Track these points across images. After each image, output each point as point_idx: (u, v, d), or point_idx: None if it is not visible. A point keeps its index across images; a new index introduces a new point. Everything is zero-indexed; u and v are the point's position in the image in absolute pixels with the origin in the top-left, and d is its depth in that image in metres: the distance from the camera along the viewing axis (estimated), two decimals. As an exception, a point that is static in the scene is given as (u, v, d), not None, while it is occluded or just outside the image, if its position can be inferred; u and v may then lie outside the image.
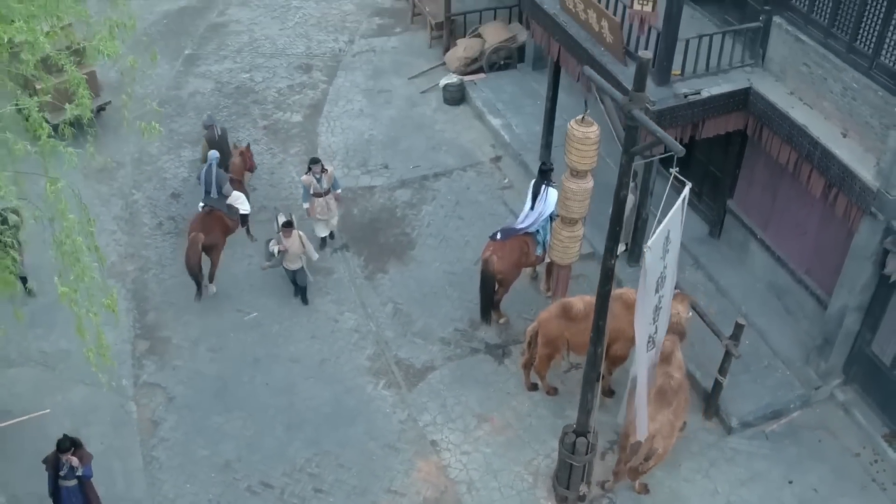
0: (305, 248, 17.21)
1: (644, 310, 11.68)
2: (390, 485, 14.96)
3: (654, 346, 12.58)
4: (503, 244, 16.53)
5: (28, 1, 11.44)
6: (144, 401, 16.15)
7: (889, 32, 13.97)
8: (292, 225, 16.96)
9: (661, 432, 14.00)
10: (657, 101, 15.64)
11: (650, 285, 11.34)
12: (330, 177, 18.01)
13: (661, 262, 11.32)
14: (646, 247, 10.50)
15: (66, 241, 11.13)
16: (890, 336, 15.37)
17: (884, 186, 13.97)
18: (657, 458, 14.21)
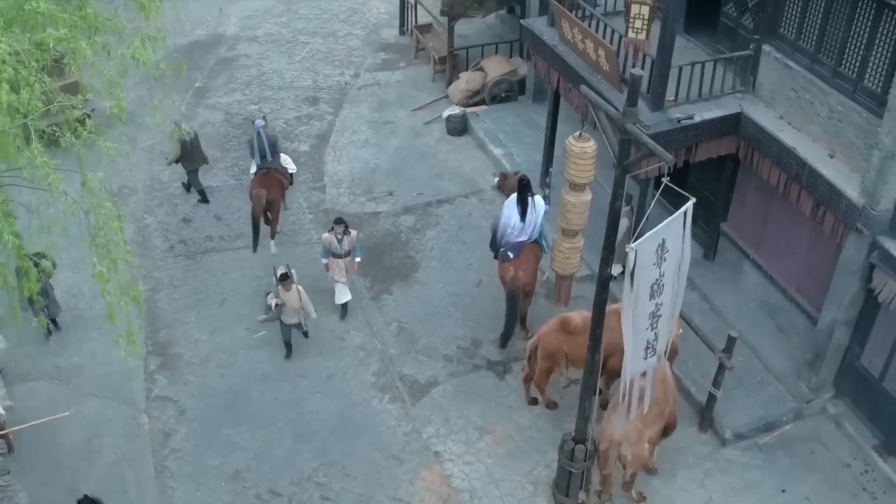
0: (304, 304, 17.02)
1: (636, 314, 12.18)
2: (395, 493, 15.43)
3: (654, 353, 13.07)
4: (520, 260, 17.13)
5: (71, 12, 12.24)
6: (156, 413, 16.66)
7: (871, 57, 14.69)
8: (290, 278, 16.79)
9: (628, 439, 14.47)
10: (651, 125, 16.29)
11: (642, 290, 11.86)
12: (352, 240, 17.68)
13: (655, 269, 11.84)
14: (628, 247, 11.11)
15: (99, 234, 11.80)
16: (878, 349, 15.90)
17: (868, 203, 14.59)
18: (632, 465, 14.67)
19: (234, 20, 29.02)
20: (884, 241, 14.68)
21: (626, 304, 12.03)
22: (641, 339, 12.52)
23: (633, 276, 11.45)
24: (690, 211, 11.84)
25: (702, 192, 19.21)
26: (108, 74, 12.46)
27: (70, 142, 12.33)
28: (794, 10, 15.98)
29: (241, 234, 20.44)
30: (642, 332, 12.41)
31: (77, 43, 11.83)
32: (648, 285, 11.86)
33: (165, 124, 22.20)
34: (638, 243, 11.19)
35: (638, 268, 11.43)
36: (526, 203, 17.04)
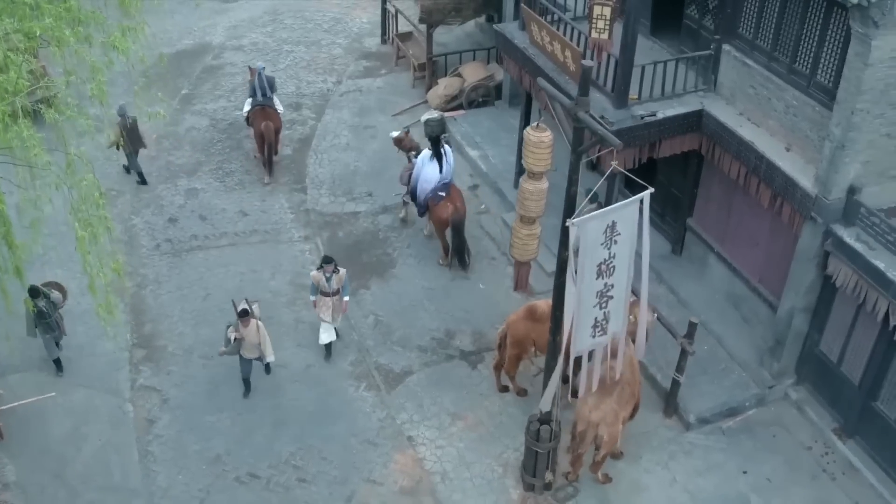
0: (262, 341, 16.78)
1: (581, 290, 12.73)
2: (369, 475, 16.03)
3: (603, 332, 13.66)
4: (451, 196, 19.75)
5: (56, 4, 13.00)
6: (141, 402, 17.25)
7: (823, 53, 15.39)
8: (249, 314, 16.49)
9: (605, 420, 15.11)
10: (615, 122, 16.98)
11: (588, 268, 12.47)
12: (340, 279, 17.44)
13: (604, 250, 12.45)
14: (569, 222, 11.77)
15: (81, 208, 12.47)
16: (836, 335, 16.53)
17: (822, 192, 15.28)
18: (606, 446, 15.28)
19: (220, 30, 29.77)
20: (837, 229, 15.36)
21: (569, 280, 12.65)
22: (588, 316, 13.11)
23: (578, 252, 12.09)
24: (647, 199, 12.47)
25: (669, 189, 19.94)
26: (90, 60, 13.11)
27: (54, 117, 13.01)
28: (751, 10, 16.69)
29: (224, 232, 21.15)
30: (589, 309, 13.02)
31: (61, 32, 12.55)
32: (595, 264, 12.47)
33: (152, 129, 23.11)
34: (579, 220, 11.85)
35: (583, 245, 12.08)
36: (441, 155, 19.61)
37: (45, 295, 16.74)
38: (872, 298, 15.02)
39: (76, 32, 13.21)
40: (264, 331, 16.74)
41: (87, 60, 13.28)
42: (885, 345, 15.43)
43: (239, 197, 22.23)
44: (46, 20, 12.51)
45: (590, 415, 15.12)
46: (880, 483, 15.91)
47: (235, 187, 22.59)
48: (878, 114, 14.59)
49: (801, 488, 15.95)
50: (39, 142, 12.36)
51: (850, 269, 15.27)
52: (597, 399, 15.13)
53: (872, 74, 14.09)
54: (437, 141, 19.79)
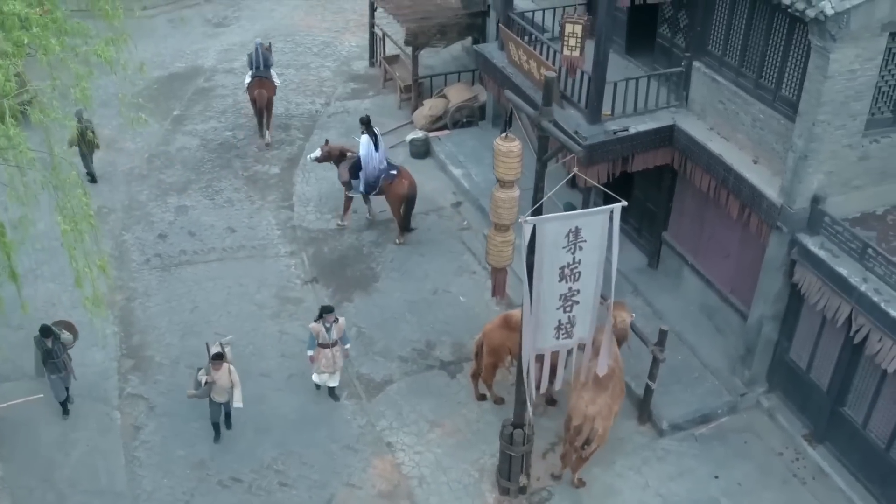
0: (234, 386, 16.50)
1: (541, 290, 13.18)
2: (348, 480, 16.44)
3: (567, 336, 14.08)
4: (401, 172, 21.71)
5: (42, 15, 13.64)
6: (128, 409, 17.68)
7: (787, 68, 15.95)
8: (222, 357, 16.33)
9: (601, 414, 15.58)
10: (589, 136, 17.54)
11: (548, 269, 12.95)
12: (340, 328, 17.14)
13: (566, 254, 12.90)
14: (522, 219, 12.30)
15: (67, 206, 12.97)
16: (804, 342, 16.99)
17: (787, 202, 15.80)
18: (599, 440, 15.72)
19: (212, 53, 30.48)
20: (802, 238, 15.89)
21: (527, 276, 13.14)
22: (551, 317, 13.58)
23: (535, 251, 12.60)
24: (618, 212, 12.93)
25: (645, 204, 20.49)
26: (74, 68, 13.65)
27: (39, 118, 13.56)
28: (719, 28, 17.29)
29: (212, 248, 21.67)
30: (552, 310, 13.48)
31: (48, 41, 13.14)
32: (557, 266, 12.94)
33: (144, 149, 23.72)
34: (535, 219, 12.37)
35: (542, 245, 12.58)
36: (375, 135, 21.62)
37: (55, 335, 16.69)
38: (836, 305, 15.50)
39: (62, 42, 13.77)
40: (236, 375, 16.49)
41: (72, 68, 13.80)
42: (849, 351, 15.87)
43: (227, 214, 22.76)
44: (34, 30, 13.08)
45: (586, 409, 15.57)
46: (849, 487, 16.30)
47: (224, 205, 23.13)
48: (839, 125, 15.15)
49: (771, 492, 16.33)
50: (25, 139, 12.93)
51: (815, 277, 15.77)
52: (592, 394, 15.63)
53: (832, 87, 14.66)
54: (368, 122, 21.90)
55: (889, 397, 15.50)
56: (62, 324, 17.27)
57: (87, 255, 13.70)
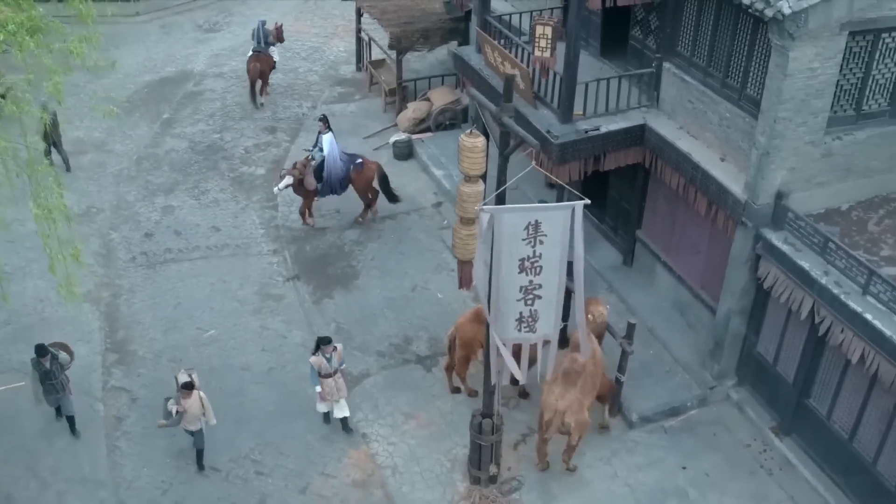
0: (205, 411, 16.44)
1: (501, 280, 13.56)
2: (324, 469, 16.85)
3: (529, 329, 14.38)
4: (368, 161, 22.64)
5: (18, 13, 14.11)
6: (111, 401, 18.12)
7: (751, 67, 16.37)
8: (193, 386, 16.19)
9: (571, 408, 15.96)
10: (560, 135, 17.95)
11: (507, 260, 13.33)
12: (340, 354, 16.95)
13: (526, 246, 13.25)
14: (478, 207, 12.71)
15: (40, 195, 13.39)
16: (771, 336, 17.37)
17: (751, 198, 16.20)
18: (576, 432, 16.12)
19: (202, 58, 31.05)
20: (766, 233, 16.28)
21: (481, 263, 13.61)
22: (512, 308, 13.94)
23: (494, 241, 13.02)
24: (580, 209, 13.28)
25: (620, 203, 20.92)
26: (48, 63, 14.08)
27: (12, 110, 13.99)
28: (688, 29, 17.73)
29: (197, 246, 22.16)
30: (512, 302, 13.85)
31: (23, 38, 13.59)
32: (517, 258, 13.32)
33: (133, 151, 24.21)
34: (493, 208, 12.80)
35: (500, 235, 13.01)
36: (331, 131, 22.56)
37: (52, 355, 16.65)
38: (799, 298, 15.88)
39: (36, 39, 14.20)
40: (206, 400, 16.39)
41: (45, 62, 14.22)
42: (813, 343, 16.25)
43: (213, 214, 23.25)
44: (9, 27, 13.52)
45: (556, 403, 15.95)
46: (814, 477, 16.66)
47: (210, 205, 23.61)
48: (800, 122, 15.55)
49: (737, 483, 16.69)
50: None
51: (779, 271, 16.16)
52: (562, 389, 16.02)
53: (792, 84, 15.07)
54: (327, 120, 22.62)
55: (851, 388, 15.85)
56: (58, 345, 17.26)
57: (60, 243, 14.06)
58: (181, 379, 16.36)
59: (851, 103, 16.19)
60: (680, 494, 16.48)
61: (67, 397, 17.04)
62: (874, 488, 15.64)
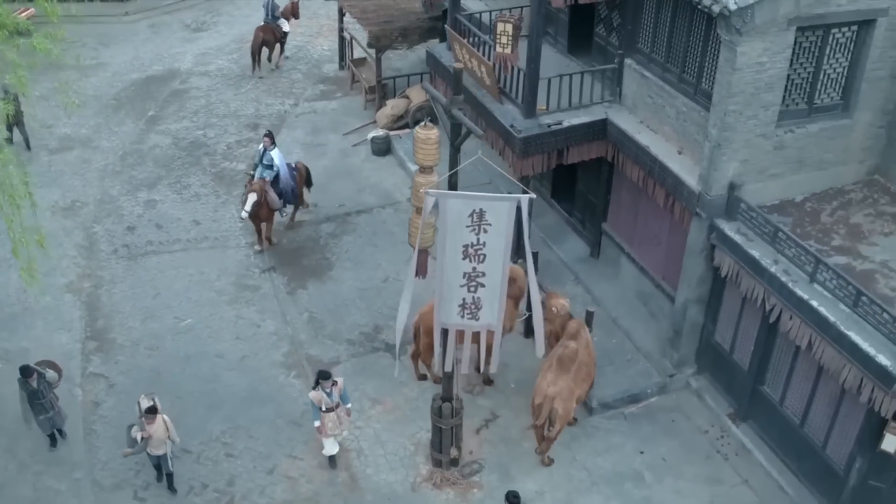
0: (170, 433, 16.26)
1: (446, 264, 14.17)
2: (291, 451, 17.42)
3: (472, 316, 14.91)
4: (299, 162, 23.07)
5: None
6: (89, 387, 18.69)
7: (706, 63, 16.90)
8: (156, 411, 16.02)
9: (561, 395, 16.46)
10: (523, 129, 18.52)
11: (451, 245, 13.95)
12: (340, 388, 16.64)
13: (470, 233, 13.79)
14: (424, 190, 13.29)
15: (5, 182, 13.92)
16: (727, 325, 17.89)
17: (704, 189, 16.73)
18: (561, 420, 16.57)
19: (189, 57, 31.67)
20: (720, 223, 16.81)
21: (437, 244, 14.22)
22: (455, 293, 14.53)
23: (440, 225, 13.63)
24: (526, 203, 13.80)
25: (587, 197, 21.47)
26: (12, 58, 14.62)
27: None
28: (647, 26, 18.29)
29: (178, 239, 22.77)
30: (456, 287, 14.42)
31: None
32: (461, 244, 13.88)
33: (118, 147, 24.82)
34: (437, 193, 13.37)
35: (445, 220, 13.66)
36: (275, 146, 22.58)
37: (39, 374, 16.64)
38: (751, 287, 16.39)
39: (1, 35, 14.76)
40: (170, 422, 16.25)
41: (8, 57, 14.76)
42: (766, 331, 16.76)
43: (193, 208, 23.84)
44: None
45: (547, 389, 16.43)
46: (768, 462, 17.17)
47: (191, 199, 24.21)
48: (750, 115, 16.08)
49: (693, 467, 17.20)
50: None
51: (732, 260, 16.67)
52: (555, 376, 16.52)
53: (741, 78, 15.59)
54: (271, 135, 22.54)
55: (802, 374, 16.36)
56: (45, 363, 17.31)
57: (24, 229, 14.58)
58: (144, 404, 16.23)
59: (803, 97, 16.70)
60: (636, 478, 16.99)
61: (57, 416, 17.04)
62: (824, 471, 16.16)
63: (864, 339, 14.29)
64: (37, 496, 16.54)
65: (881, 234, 16.72)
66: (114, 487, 16.72)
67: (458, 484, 16.86)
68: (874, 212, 17.26)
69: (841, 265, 15.76)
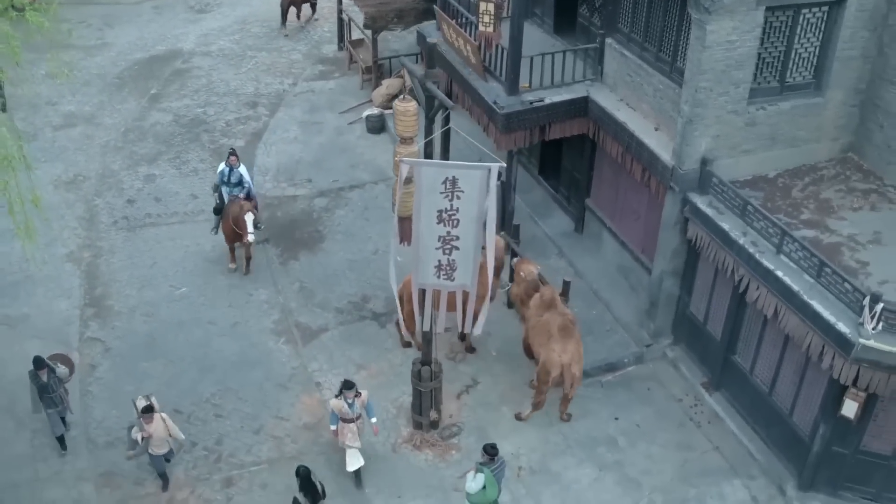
0: (171, 430, 16.21)
1: (421, 227, 14.89)
2: (277, 412, 18.11)
3: (448, 277, 15.62)
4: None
5: None
6: (86, 351, 19.43)
7: (680, 42, 17.47)
8: (153, 409, 16.02)
9: (575, 359, 17.15)
10: (506, 106, 19.14)
11: (426, 209, 14.66)
12: (363, 402, 16.34)
13: (444, 199, 14.47)
14: (399, 158, 13.95)
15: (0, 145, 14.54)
16: (702, 296, 18.47)
17: (678, 164, 17.31)
18: (578, 382, 17.34)
19: (192, 37, 32.38)
20: (692, 197, 17.38)
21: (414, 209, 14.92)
22: (431, 256, 15.25)
23: (416, 192, 14.33)
24: (495, 171, 14.47)
25: (572, 174, 22.07)
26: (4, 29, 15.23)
27: None
28: (627, 7, 18.89)
29: (175, 212, 23.52)
30: (432, 250, 15.14)
31: None
32: (435, 209, 14.56)
33: (120, 123, 25.53)
34: (412, 161, 14.03)
35: (420, 187, 14.34)
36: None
37: (50, 368, 16.74)
38: (722, 258, 16.97)
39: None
40: (169, 420, 16.25)
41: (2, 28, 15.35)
42: (737, 302, 17.34)
43: (192, 182, 24.58)
44: None
45: (561, 358, 17.04)
46: (739, 429, 17.77)
47: (190, 174, 24.95)
48: (721, 92, 16.63)
49: (666, 434, 17.81)
50: None
51: (704, 233, 17.26)
52: (562, 344, 17.10)
53: (711, 56, 16.14)
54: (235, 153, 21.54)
55: (770, 343, 16.94)
56: (57, 357, 17.46)
57: (19, 186, 15.16)
58: (140, 405, 16.18)
59: (775, 75, 17.23)
60: (610, 442, 17.61)
61: (66, 410, 17.10)
62: (790, 438, 16.75)
63: (826, 307, 14.83)
64: (34, 453, 17.27)
65: (850, 210, 17.24)
66: (107, 445, 17.42)
67: (438, 445, 17.52)
68: (845, 188, 17.78)
69: (809, 238, 16.29)
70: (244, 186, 21.21)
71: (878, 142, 17.92)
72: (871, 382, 14.58)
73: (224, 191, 21.16)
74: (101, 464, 17.04)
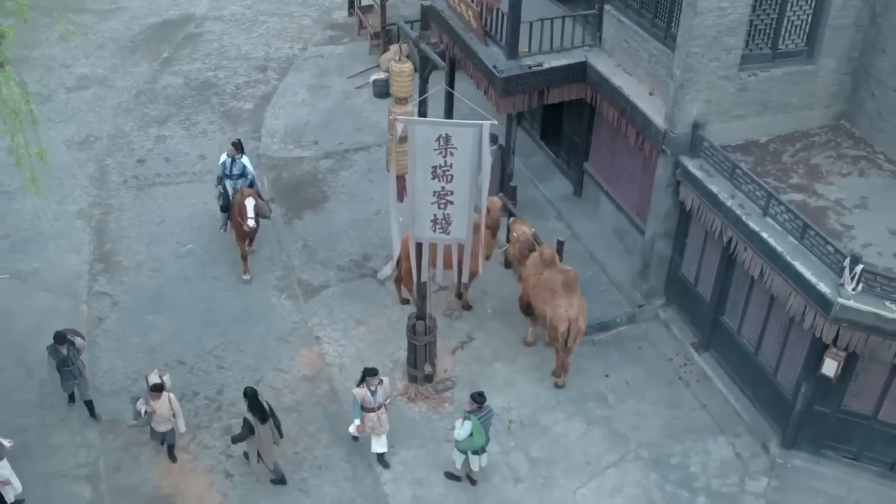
0: (175, 414, 16.29)
1: (417, 182, 15.35)
2: (277, 365, 18.71)
3: (443, 231, 16.10)
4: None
5: None
6: (94, 304, 20.05)
7: (675, 8, 17.77)
8: (162, 388, 16.07)
9: (580, 312, 17.58)
10: (505, 70, 19.52)
11: (421, 165, 15.11)
12: (385, 389, 16.29)
13: (438, 156, 14.93)
14: (393, 117, 14.41)
15: (8, 99, 15.02)
16: (693, 258, 18.88)
17: (670, 127, 17.68)
18: (580, 335, 17.73)
19: (204, 2, 32.79)
20: (684, 160, 17.75)
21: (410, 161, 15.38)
22: (427, 210, 15.71)
23: (410, 149, 14.77)
24: (487, 129, 14.88)
25: (572, 138, 22.46)
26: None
27: None
28: (625, -26, 19.21)
29: (184, 172, 24.07)
30: (427, 204, 15.61)
31: None
32: (430, 165, 15.03)
33: (132, 86, 26.06)
34: (406, 119, 14.52)
35: (414, 144, 14.79)
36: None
37: (70, 342, 16.91)
38: (711, 220, 17.37)
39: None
40: (176, 403, 16.34)
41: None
42: (725, 263, 17.76)
43: (200, 143, 25.13)
44: None
45: (568, 312, 17.42)
46: (726, 388, 18.24)
47: (199, 135, 25.49)
48: (712, 57, 16.96)
49: (655, 391, 18.31)
50: None
51: (694, 195, 17.65)
52: (567, 300, 17.46)
53: (702, 22, 16.47)
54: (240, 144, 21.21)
55: (756, 304, 17.35)
56: (70, 332, 17.30)
57: (26, 139, 15.66)
58: (151, 380, 16.27)
59: (767, 42, 17.52)
60: (599, 398, 18.12)
61: (84, 382, 17.32)
62: (775, 397, 17.20)
63: (808, 268, 15.26)
64: (41, 400, 17.92)
65: (839, 175, 17.61)
66: (112, 393, 18.06)
67: (431, 398, 18.08)
68: (835, 154, 18.13)
69: (796, 202, 16.69)
70: (247, 177, 20.96)
71: (869, 110, 18.23)
72: (851, 342, 15.03)
73: (228, 184, 20.84)
74: (105, 411, 17.66)
